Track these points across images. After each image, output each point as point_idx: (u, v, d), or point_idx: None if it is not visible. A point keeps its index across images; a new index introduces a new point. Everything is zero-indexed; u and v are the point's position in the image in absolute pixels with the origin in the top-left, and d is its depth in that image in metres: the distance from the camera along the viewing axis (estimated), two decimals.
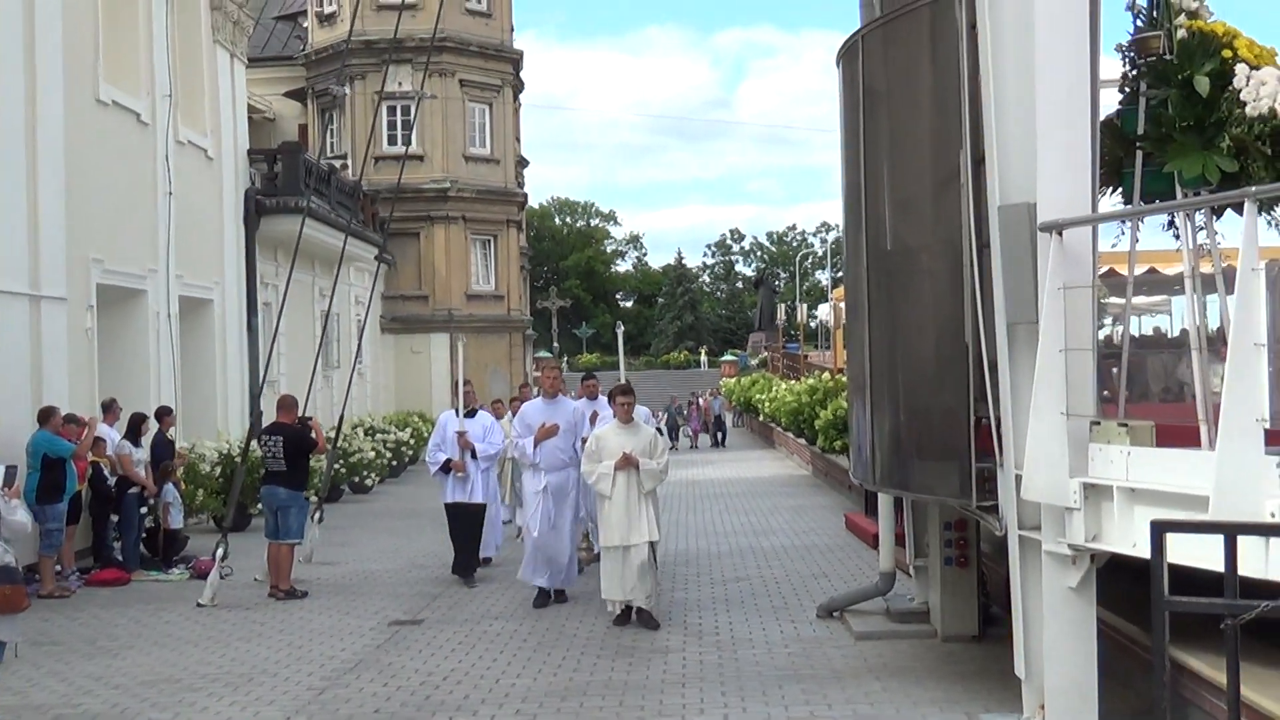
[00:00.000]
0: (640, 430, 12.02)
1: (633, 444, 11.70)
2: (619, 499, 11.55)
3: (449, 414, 14.99)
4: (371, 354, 36.12)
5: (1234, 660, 4.12)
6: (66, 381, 16.64)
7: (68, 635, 11.83)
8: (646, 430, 12.20)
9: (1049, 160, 7.24)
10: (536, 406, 13.50)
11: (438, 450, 14.60)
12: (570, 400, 13.90)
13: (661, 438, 12.47)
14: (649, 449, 11.80)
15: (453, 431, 14.43)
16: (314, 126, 40.86)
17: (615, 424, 11.98)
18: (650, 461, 11.70)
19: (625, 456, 11.55)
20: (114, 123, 19.18)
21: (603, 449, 11.76)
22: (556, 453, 12.96)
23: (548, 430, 12.89)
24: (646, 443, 11.85)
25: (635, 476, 11.57)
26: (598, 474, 11.68)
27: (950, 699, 8.65)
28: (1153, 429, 6.82)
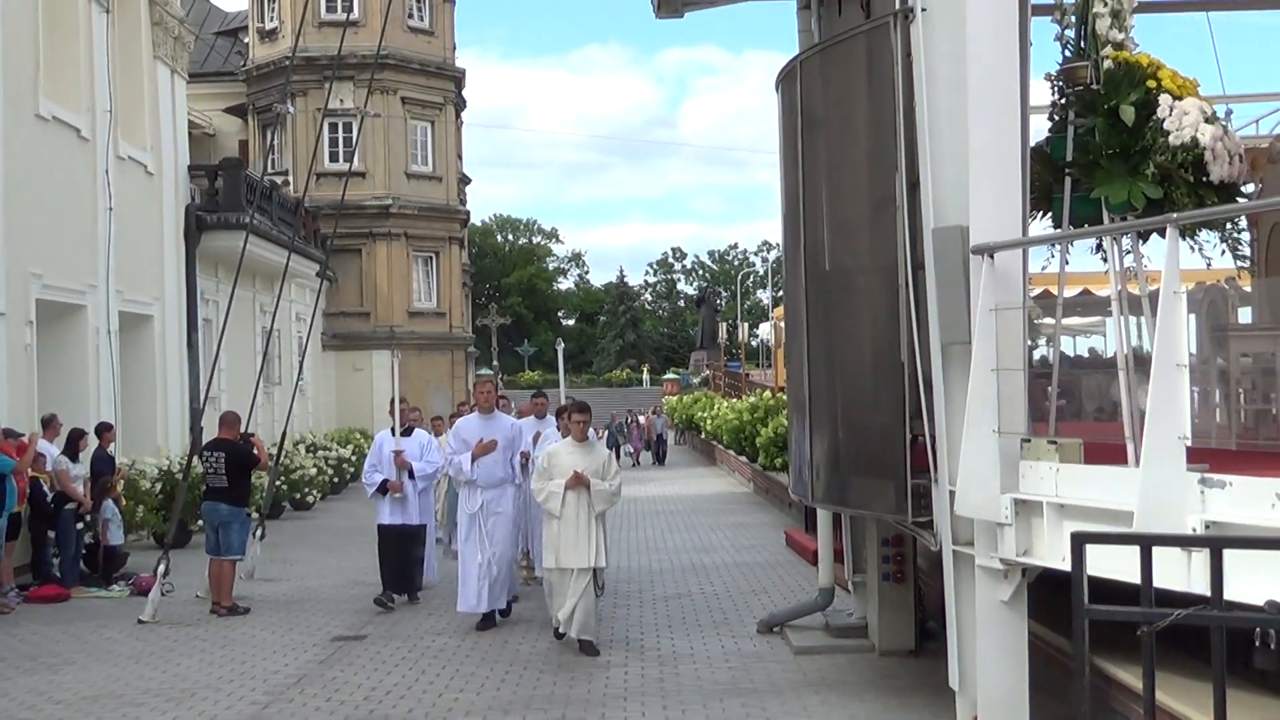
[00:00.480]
0: (595, 449, 11.72)
1: (585, 463, 11.28)
2: (568, 519, 11.11)
3: (385, 433, 14.68)
4: (313, 371, 35.97)
5: (1149, 665, 4.30)
6: (5, 397, 16.56)
7: (8, 651, 11.79)
8: (601, 450, 11.94)
9: (981, 185, 7.45)
10: (472, 422, 13.09)
11: (374, 471, 14.27)
12: (507, 416, 13.77)
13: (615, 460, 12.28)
14: (602, 469, 11.40)
15: (389, 451, 14.16)
16: (255, 142, 40.74)
17: (569, 442, 11.62)
18: (602, 483, 11.25)
19: (576, 475, 11.10)
20: (54, 138, 19.10)
21: (554, 466, 11.31)
22: (494, 469, 12.63)
23: (485, 447, 12.54)
24: (600, 463, 11.47)
25: (586, 497, 11.12)
26: (547, 492, 11.18)
27: (887, 711, 8.83)
28: (1081, 446, 7.04)
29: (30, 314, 17.86)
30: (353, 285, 40.85)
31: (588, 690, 9.73)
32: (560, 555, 11.15)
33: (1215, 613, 4.18)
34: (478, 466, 12.53)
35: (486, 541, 12.39)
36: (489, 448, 12.55)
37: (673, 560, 17.58)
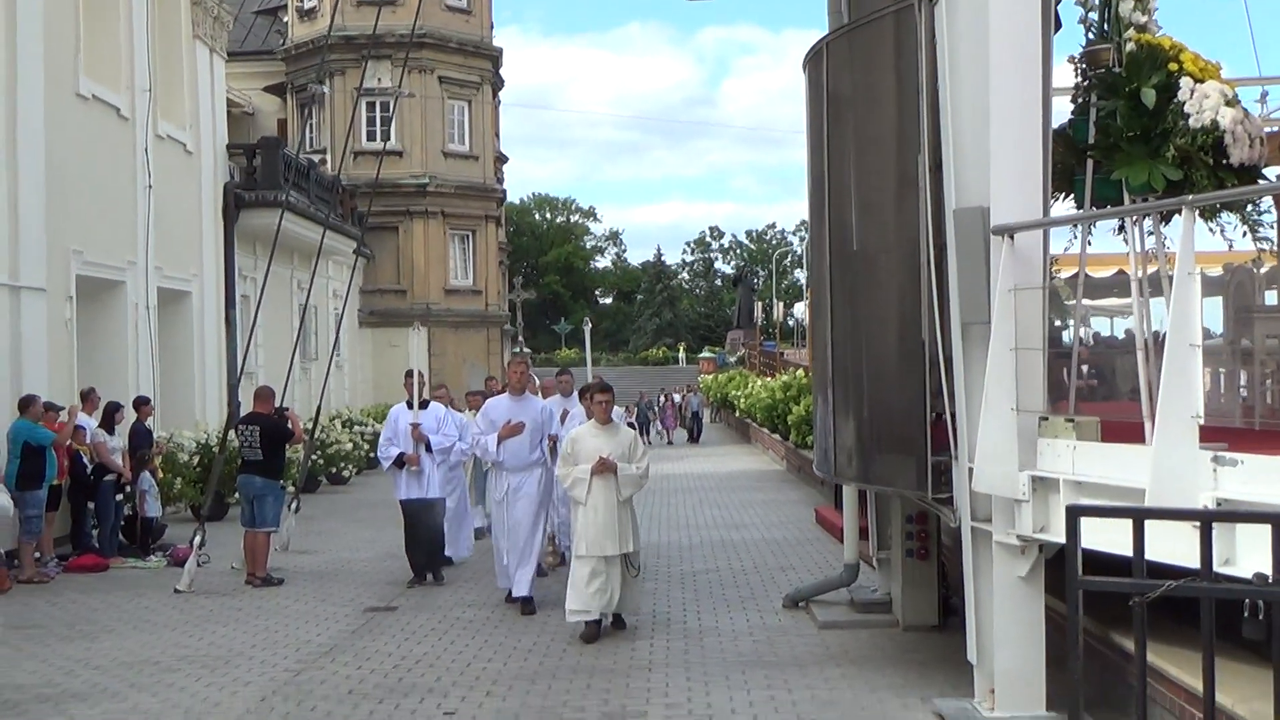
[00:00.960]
0: (619, 432, 11.32)
1: (610, 447, 10.93)
2: (594, 506, 10.76)
3: (400, 407, 14.42)
4: (349, 347, 36.32)
5: (1141, 634, 4.42)
6: (46, 371, 16.84)
7: (48, 619, 12.07)
8: (626, 432, 11.50)
9: (1002, 166, 7.52)
10: (502, 403, 12.73)
11: (390, 445, 14.07)
12: (538, 399, 13.49)
13: (642, 441, 11.86)
14: (628, 452, 11.03)
15: (405, 424, 13.95)
16: (293, 121, 40.98)
17: (592, 425, 11.26)
18: (629, 466, 10.92)
19: (602, 461, 10.78)
20: (94, 117, 19.36)
21: (579, 451, 10.96)
22: (521, 452, 12.30)
23: (512, 429, 12.19)
24: (626, 446, 11.09)
25: (613, 482, 10.79)
26: (573, 478, 10.90)
27: (907, 685, 8.93)
28: (1098, 425, 7.13)
29: (70, 290, 18.15)
30: (389, 263, 41.09)
31: (613, 661, 9.89)
32: (589, 543, 10.80)
33: (1204, 584, 4.27)
34: (504, 449, 12.27)
35: (510, 526, 12.29)
36: (516, 430, 12.22)
37: (703, 536, 17.72)
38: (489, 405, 12.94)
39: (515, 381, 12.84)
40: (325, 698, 8.90)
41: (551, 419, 12.87)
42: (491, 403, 13.06)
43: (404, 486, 13.94)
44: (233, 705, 8.73)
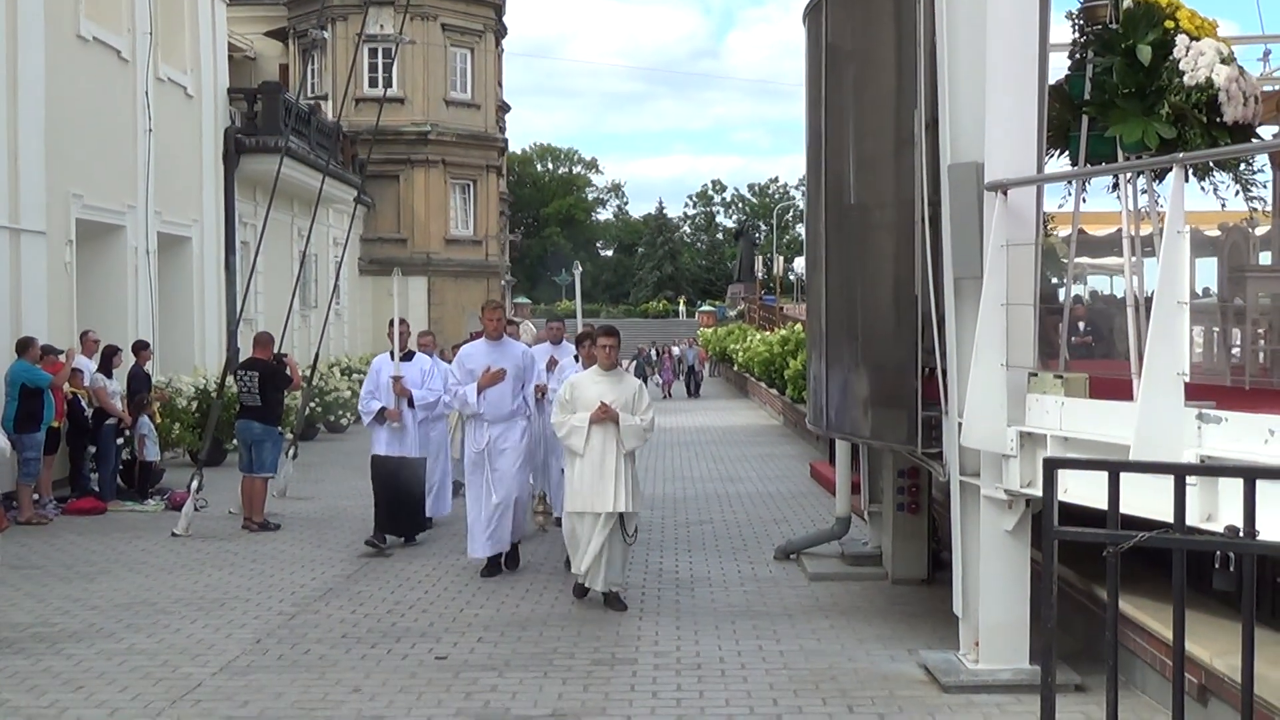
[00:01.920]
0: (624, 380, 10.34)
1: (613, 395, 10.05)
2: (592, 459, 9.92)
3: (383, 358, 13.57)
4: (349, 295, 36.33)
5: (1114, 584, 4.49)
6: (45, 314, 16.89)
7: (45, 560, 12.18)
8: (630, 380, 10.42)
9: (997, 122, 7.54)
10: (478, 350, 11.70)
11: (370, 398, 13.17)
12: (518, 343, 12.51)
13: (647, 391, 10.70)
14: (632, 402, 10.13)
15: (387, 377, 13.10)
16: (294, 66, 40.81)
17: (595, 371, 10.32)
18: (632, 417, 10.03)
19: (603, 408, 9.94)
20: (94, 59, 19.31)
21: (578, 398, 10.09)
22: (502, 401, 11.41)
23: (493, 376, 11.30)
24: (630, 395, 10.17)
25: (614, 433, 9.94)
26: (569, 426, 10.02)
27: (895, 636, 9.03)
28: (1086, 381, 7.18)
29: (70, 233, 18.17)
30: (390, 211, 41.03)
31: (604, 609, 9.98)
32: (583, 498, 9.96)
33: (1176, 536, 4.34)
34: (484, 399, 11.38)
35: (493, 481, 11.31)
36: (497, 377, 11.33)
37: (698, 489, 17.82)
38: (464, 353, 11.86)
39: (491, 328, 11.75)
40: (319, 641, 9.00)
41: (534, 365, 12.03)
42: (467, 350, 11.95)
43: (383, 442, 13.09)
44: (227, 647, 8.83)
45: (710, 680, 7.99)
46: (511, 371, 11.50)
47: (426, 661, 8.43)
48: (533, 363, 11.97)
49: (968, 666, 7.90)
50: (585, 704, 7.45)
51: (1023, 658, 7.78)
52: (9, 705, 7.46)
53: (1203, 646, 6.41)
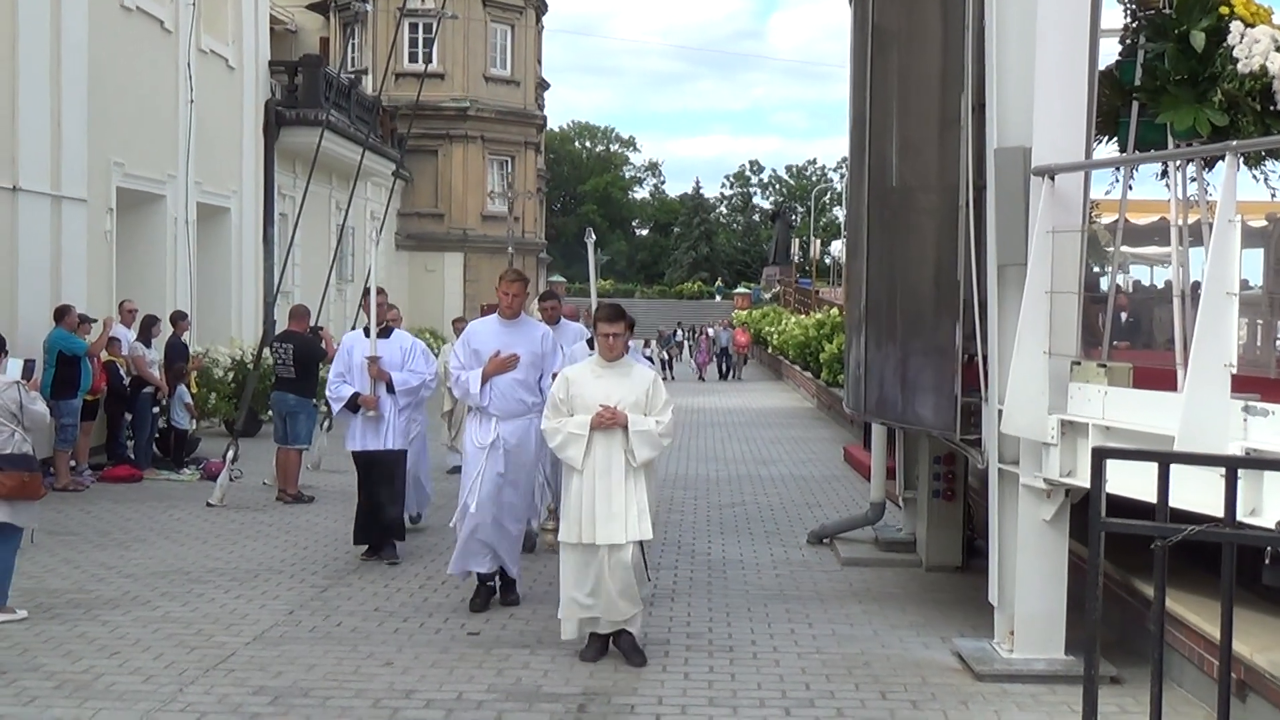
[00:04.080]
0: (633, 372, 8.16)
1: (620, 392, 7.96)
2: (594, 475, 7.87)
3: (355, 334, 11.62)
4: (386, 270, 36.41)
5: (1161, 578, 4.43)
6: (84, 282, 16.97)
7: (82, 527, 12.27)
8: (641, 373, 8.27)
9: (1046, 107, 7.44)
10: (488, 327, 9.59)
11: (341, 382, 11.06)
12: (537, 323, 10.20)
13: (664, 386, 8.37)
14: (644, 400, 8.01)
15: (361, 357, 11.05)
16: (335, 40, 40.90)
17: (595, 363, 8.23)
18: (645, 420, 7.93)
19: (606, 412, 7.87)
20: (138, 29, 19.37)
21: (575, 397, 7.99)
22: (514, 392, 9.29)
23: (503, 362, 9.23)
24: (641, 391, 8.02)
25: (620, 440, 7.87)
26: (564, 434, 7.92)
27: (928, 623, 8.98)
28: (1130, 371, 7.10)
29: (111, 201, 18.25)
30: (428, 186, 41.13)
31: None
32: (582, 525, 7.88)
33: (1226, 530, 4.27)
34: (491, 389, 9.26)
35: (494, 488, 9.19)
36: (507, 364, 9.25)
37: (730, 470, 17.78)
38: (471, 331, 9.75)
39: (507, 303, 9.50)
40: (351, 614, 9.02)
41: (555, 351, 9.70)
42: (475, 327, 9.81)
43: (358, 435, 11.08)
44: (260, 617, 8.86)
45: (742, 663, 7.96)
46: (526, 358, 9.34)
47: (459, 637, 8.44)
48: (554, 348, 9.68)
49: (1002, 655, 7.84)
50: (616, 684, 7.43)
51: (1058, 648, 7.72)
52: (45, 670, 7.51)
53: (1243, 642, 6.32)
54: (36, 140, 15.83)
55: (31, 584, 9.71)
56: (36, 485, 8.61)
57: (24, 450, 8.58)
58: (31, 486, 8.56)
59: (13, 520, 8.60)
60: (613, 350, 8.05)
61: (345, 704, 7.00)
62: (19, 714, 6.73)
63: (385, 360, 11.05)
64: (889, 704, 7.17)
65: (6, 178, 15.19)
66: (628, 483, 7.85)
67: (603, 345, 8.10)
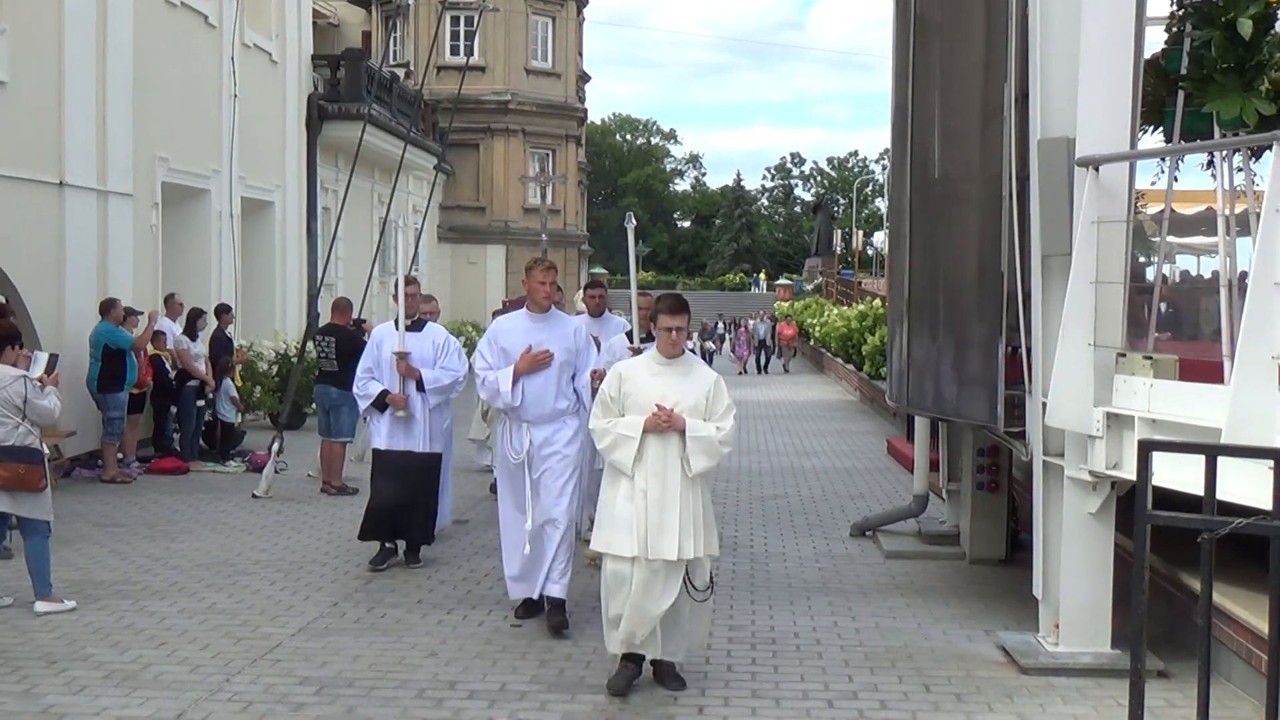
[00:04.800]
0: (693, 371, 7.36)
1: (679, 393, 7.18)
2: (646, 483, 7.07)
3: (384, 327, 10.88)
4: (428, 263, 36.56)
5: (1208, 571, 4.40)
6: (130, 276, 17.11)
7: (129, 518, 12.39)
8: (702, 372, 7.43)
9: (1090, 96, 7.38)
10: (517, 323, 8.74)
11: (368, 379, 10.41)
12: (568, 317, 9.27)
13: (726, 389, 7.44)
14: (705, 403, 7.21)
15: (390, 352, 10.36)
16: (377, 34, 41.03)
17: (652, 358, 7.43)
18: (705, 425, 7.14)
19: (662, 413, 7.05)
20: (182, 24, 19.49)
21: (627, 395, 7.24)
22: (545, 393, 8.49)
23: (535, 359, 8.42)
24: (703, 393, 7.23)
25: (677, 447, 7.09)
26: (615, 435, 7.16)
27: (972, 616, 8.95)
28: (1176, 363, 7.05)
29: (156, 196, 18.38)
30: (469, 180, 41.25)
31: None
32: (631, 536, 7.04)
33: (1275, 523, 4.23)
34: (522, 390, 8.48)
35: (535, 498, 8.49)
36: (540, 360, 8.44)
37: (772, 463, 17.75)
38: (498, 327, 8.92)
39: (538, 294, 8.67)
40: (395, 605, 9.07)
41: (589, 347, 8.88)
42: (502, 324, 8.98)
43: (385, 434, 10.37)
44: (305, 608, 8.93)
45: (785, 656, 7.96)
46: (560, 355, 8.54)
47: (502, 629, 8.48)
48: (588, 344, 8.84)
49: (1047, 649, 7.81)
50: None
51: (1103, 641, 7.67)
52: (94, 660, 7.60)
53: None
54: (82, 136, 15.97)
55: (80, 575, 9.83)
56: (35, 477, 8.69)
57: (26, 443, 8.68)
58: (29, 479, 8.65)
59: (15, 511, 8.73)
60: (674, 346, 7.26)
61: (390, 694, 7.05)
62: (69, 703, 6.81)
63: (416, 356, 10.30)
64: (932, 696, 7.15)
65: (53, 173, 15.34)
66: (684, 493, 7.05)
67: (663, 340, 7.29)
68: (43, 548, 8.85)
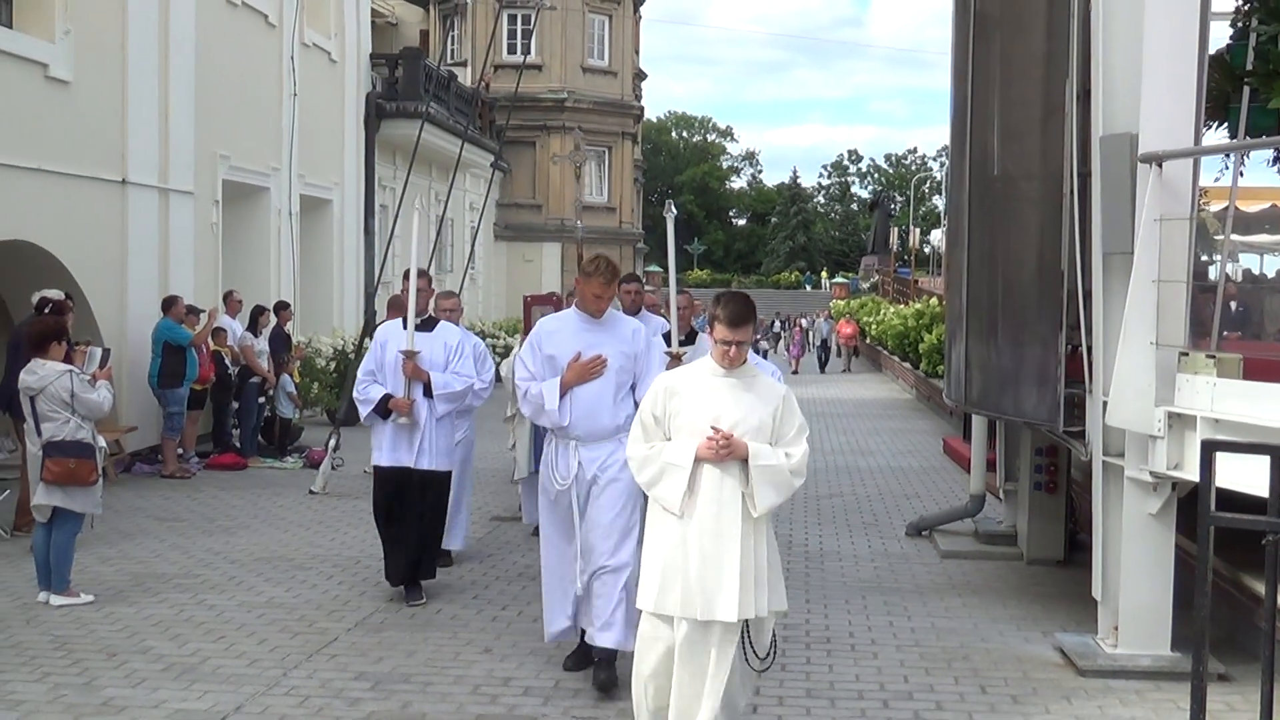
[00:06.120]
0: (756, 384, 5.85)
1: (740, 411, 5.70)
2: (700, 520, 5.63)
3: (392, 325, 9.49)
4: (484, 260, 36.69)
5: (1273, 574, 4.32)
6: (192, 273, 17.30)
7: (189, 514, 12.52)
8: (770, 386, 5.92)
9: (1153, 92, 7.28)
10: (566, 324, 7.35)
11: (370, 381, 9.09)
12: (628, 318, 7.77)
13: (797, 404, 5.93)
14: (772, 424, 5.75)
15: (396, 353, 9.01)
16: (435, 32, 41.23)
17: (708, 367, 5.83)
18: (773, 452, 5.68)
19: (720, 437, 5.58)
20: (243, 23, 19.67)
21: (675, 414, 5.78)
22: (599, 407, 7.10)
23: (585, 368, 7.07)
24: (770, 413, 5.75)
25: (738, 478, 5.63)
26: (659, 465, 5.72)
27: (1029, 617, 8.86)
28: (1240, 362, 6.94)
29: (217, 194, 18.57)
30: (525, 177, 41.36)
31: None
32: (679, 593, 5.64)
33: None
34: (572, 403, 7.10)
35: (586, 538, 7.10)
36: (592, 369, 7.09)
37: (828, 461, 17.67)
38: (543, 329, 7.42)
39: (592, 296, 7.20)
40: (450, 601, 9.10)
41: (651, 351, 7.36)
42: (548, 326, 7.45)
43: (387, 446, 9.08)
44: (361, 604, 8.98)
45: (839, 655, 7.92)
46: (616, 361, 7.17)
47: None
48: (648, 347, 7.37)
49: (1106, 651, 7.72)
50: None
51: (1163, 644, 7.57)
52: (153, 652, 7.68)
53: None
54: (145, 134, 16.15)
55: (141, 569, 9.96)
56: (86, 472, 8.78)
57: (77, 437, 8.78)
58: (80, 473, 8.74)
59: (67, 505, 8.81)
60: (733, 363, 5.76)
61: (445, 690, 7.07)
62: (128, 695, 6.89)
63: (425, 359, 9.00)
64: (989, 698, 7.09)
65: (116, 171, 15.52)
66: (745, 538, 5.61)
67: (719, 355, 5.76)
68: (69, 542, 8.95)
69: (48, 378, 8.74)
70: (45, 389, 8.72)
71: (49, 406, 8.73)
